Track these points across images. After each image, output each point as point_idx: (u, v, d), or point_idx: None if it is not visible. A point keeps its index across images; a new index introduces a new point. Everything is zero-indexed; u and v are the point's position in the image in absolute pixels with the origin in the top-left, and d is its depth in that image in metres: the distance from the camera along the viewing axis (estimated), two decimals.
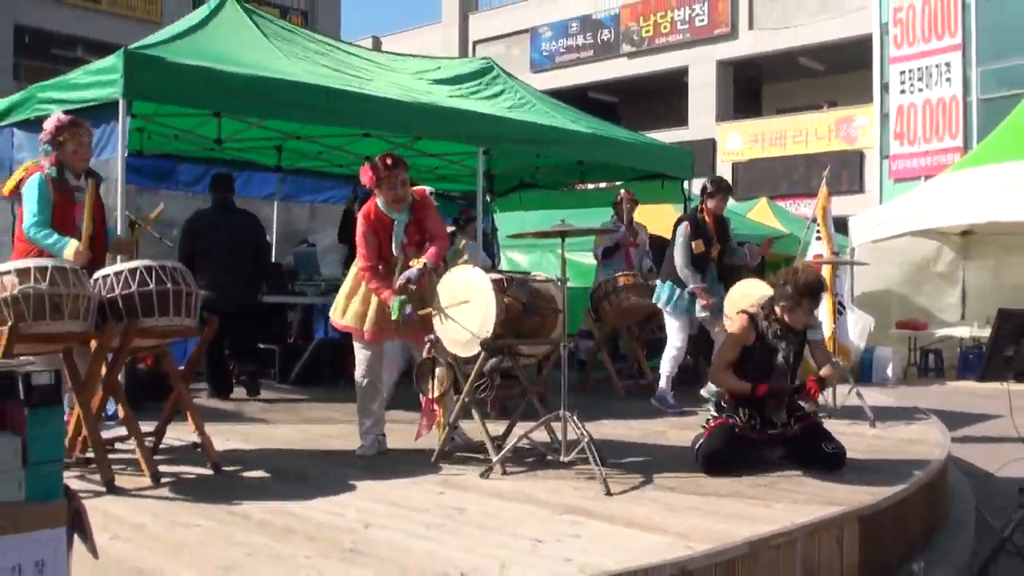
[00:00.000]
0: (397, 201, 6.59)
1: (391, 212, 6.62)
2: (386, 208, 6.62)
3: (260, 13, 10.57)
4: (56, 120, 6.46)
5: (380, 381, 6.87)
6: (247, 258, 9.67)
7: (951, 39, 27.72)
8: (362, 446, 6.69)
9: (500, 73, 11.83)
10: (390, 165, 6.54)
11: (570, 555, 4.23)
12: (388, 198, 6.58)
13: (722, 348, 6.57)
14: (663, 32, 36.23)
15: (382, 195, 6.59)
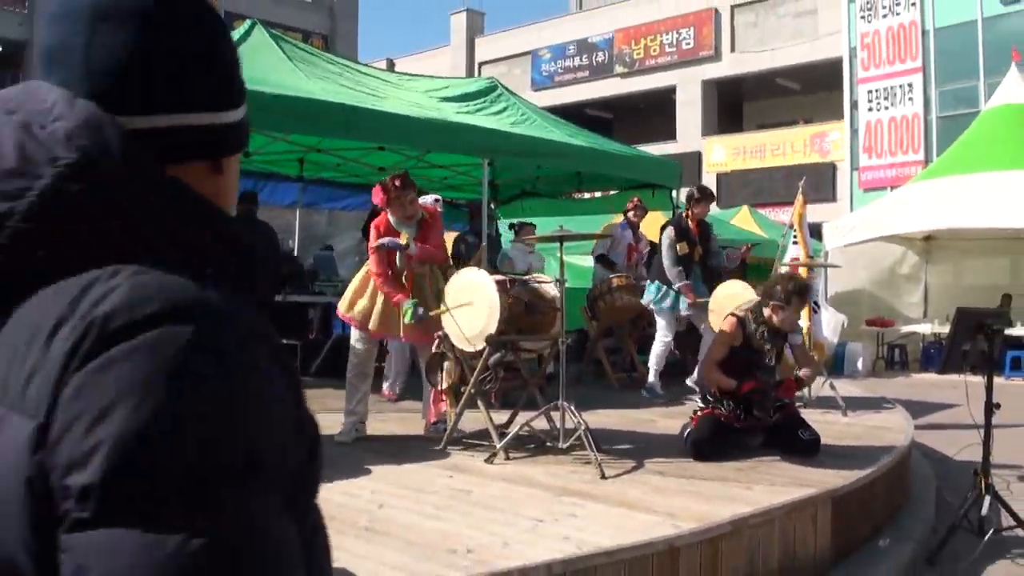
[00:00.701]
0: (407, 218, 6.60)
1: (400, 226, 6.62)
2: (396, 224, 6.62)
3: (285, 38, 10.58)
4: None
5: (369, 373, 6.89)
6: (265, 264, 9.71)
7: (912, 62, 27.76)
8: (341, 432, 6.68)
9: (503, 92, 11.82)
10: (399, 187, 6.55)
11: (568, 533, 4.22)
12: (398, 215, 6.59)
13: (712, 347, 6.58)
14: (653, 54, 36.24)
15: (393, 213, 6.60)
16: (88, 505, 0.72)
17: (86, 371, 0.75)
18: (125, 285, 0.79)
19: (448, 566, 3.74)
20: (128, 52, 0.94)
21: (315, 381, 10.20)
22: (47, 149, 0.86)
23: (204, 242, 0.91)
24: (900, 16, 28.02)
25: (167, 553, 0.71)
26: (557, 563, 3.80)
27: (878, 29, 28.56)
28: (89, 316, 0.77)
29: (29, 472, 0.74)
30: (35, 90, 0.93)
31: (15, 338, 0.81)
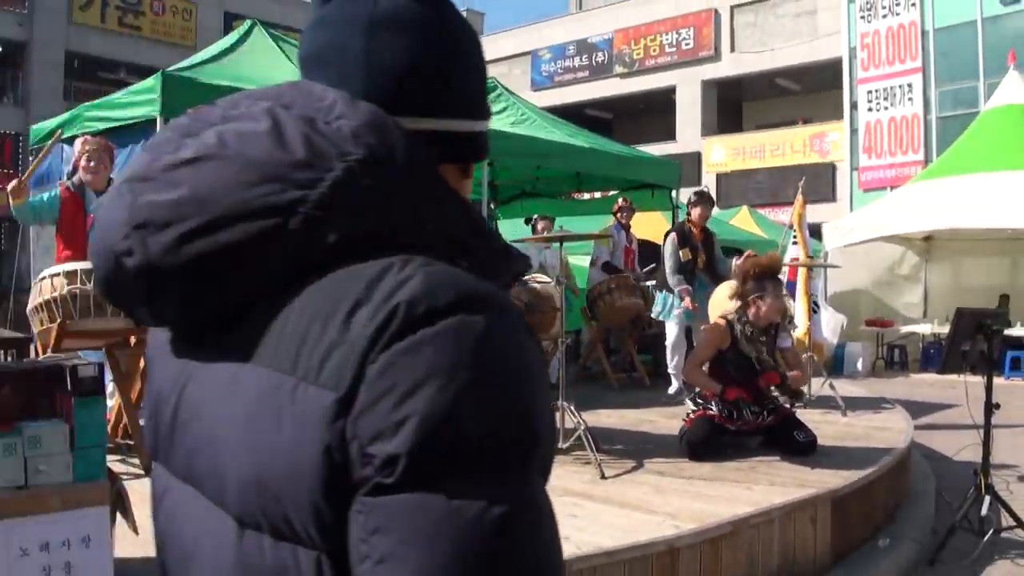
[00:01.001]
0: None
1: None
2: None
3: (284, 38, 10.58)
4: (78, 142, 6.54)
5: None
6: None
7: (912, 63, 27.72)
8: None
9: (503, 92, 11.82)
10: None
11: (568, 534, 4.23)
12: None
13: (698, 347, 6.59)
14: (652, 55, 36.23)
15: None
16: (393, 472, 0.81)
17: (393, 351, 0.83)
18: (420, 275, 0.88)
19: None
20: (404, 60, 1.04)
21: None
22: (335, 144, 0.94)
23: (464, 235, 1.00)
24: (900, 16, 28.00)
25: (468, 517, 0.80)
26: None
27: (878, 29, 28.54)
28: (391, 301, 0.86)
29: (328, 440, 0.83)
30: (308, 89, 1.01)
31: (307, 315, 0.90)
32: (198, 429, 0.98)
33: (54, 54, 32.80)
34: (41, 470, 2.99)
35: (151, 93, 7.51)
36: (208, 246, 0.92)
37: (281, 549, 0.88)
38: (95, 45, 33.82)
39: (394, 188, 0.95)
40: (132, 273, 0.96)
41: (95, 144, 6.57)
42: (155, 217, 0.94)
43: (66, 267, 5.44)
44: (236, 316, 0.95)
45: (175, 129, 1.02)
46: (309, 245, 0.92)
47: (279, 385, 0.88)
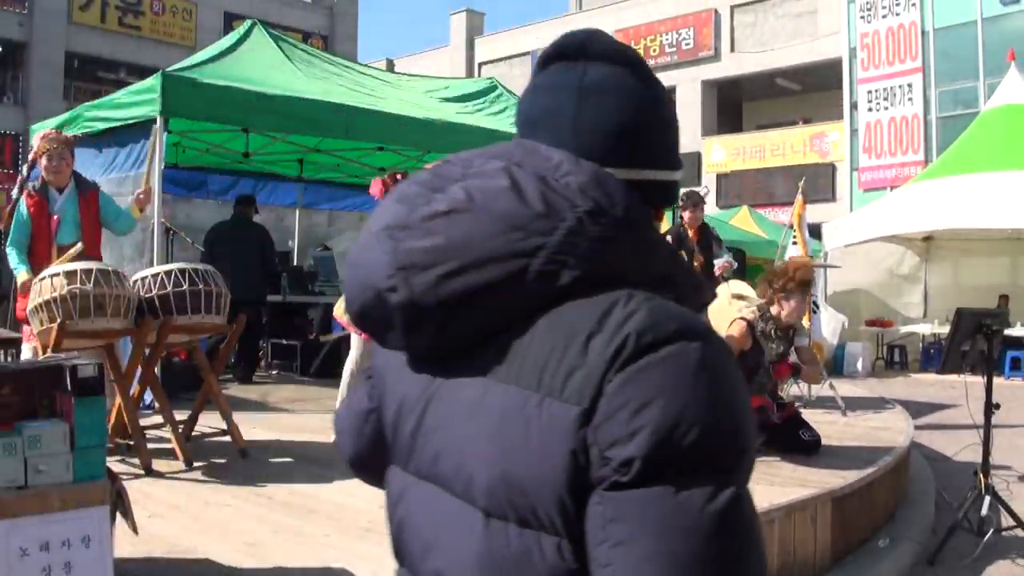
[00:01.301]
0: None
1: None
2: None
3: (284, 38, 10.59)
4: (36, 140, 6.45)
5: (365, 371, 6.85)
6: (250, 264, 9.71)
7: (912, 63, 27.74)
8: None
9: (503, 92, 11.83)
10: (399, 181, 6.56)
11: None
12: None
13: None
14: (652, 55, 36.23)
15: None
16: (629, 471, 0.99)
17: (626, 372, 1.02)
18: (644, 309, 1.07)
19: None
20: (612, 120, 1.23)
21: (314, 382, 10.22)
22: (566, 198, 1.13)
23: (669, 271, 1.19)
24: (900, 16, 28.02)
25: (691, 509, 0.98)
26: None
27: (878, 29, 28.56)
28: (622, 332, 1.05)
29: (573, 445, 1.02)
30: (534, 148, 1.21)
31: (548, 343, 1.09)
32: (444, 436, 1.18)
33: (54, 54, 32.79)
34: (41, 470, 2.99)
35: (151, 93, 7.52)
36: (463, 285, 1.12)
37: (526, 536, 1.07)
38: (95, 45, 33.81)
39: (615, 233, 1.13)
40: (395, 307, 1.16)
41: (56, 141, 6.46)
42: (417, 261, 1.14)
43: (66, 267, 5.44)
44: (478, 343, 1.15)
45: (421, 184, 1.21)
46: (547, 284, 1.11)
47: (526, 400, 1.07)
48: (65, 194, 6.40)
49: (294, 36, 18.65)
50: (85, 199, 6.47)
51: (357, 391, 1.50)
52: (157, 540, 4.10)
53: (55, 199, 6.38)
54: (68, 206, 6.40)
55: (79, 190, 6.47)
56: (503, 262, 1.11)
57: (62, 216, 6.34)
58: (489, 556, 1.09)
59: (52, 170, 6.35)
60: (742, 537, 1.01)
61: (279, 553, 3.97)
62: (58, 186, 6.40)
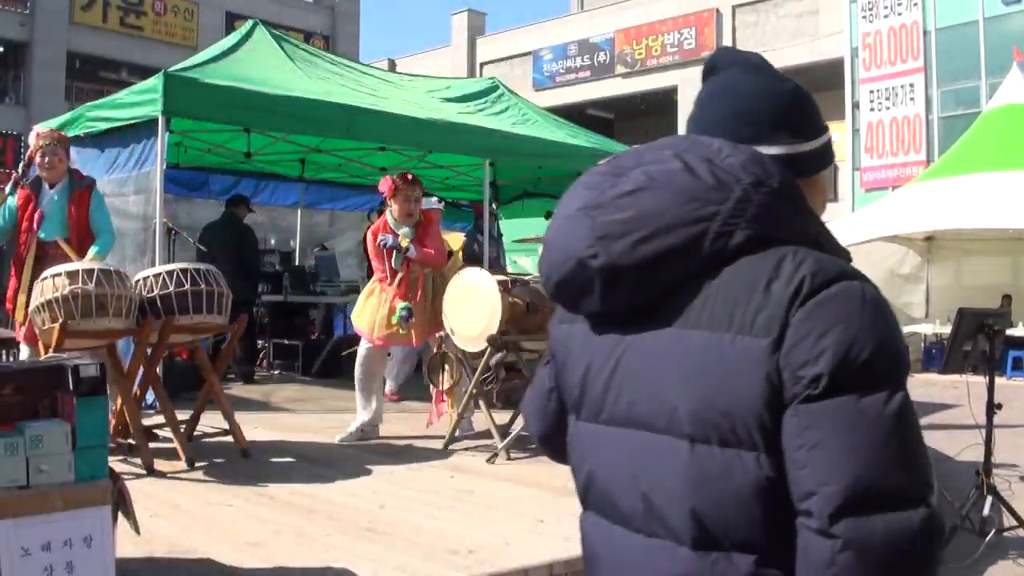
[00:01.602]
0: (407, 215, 6.61)
1: (398, 226, 6.63)
2: (394, 222, 6.64)
3: (286, 38, 10.59)
4: (32, 137, 6.50)
5: (378, 373, 6.90)
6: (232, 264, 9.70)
7: (914, 62, 27.72)
8: (348, 432, 6.71)
9: (505, 92, 11.83)
10: (409, 181, 6.61)
11: (569, 533, 4.21)
12: (401, 210, 6.61)
13: None
14: (654, 55, 36.22)
15: (396, 205, 6.62)
16: (818, 386, 1.25)
17: (807, 307, 1.29)
18: (811, 258, 1.35)
19: (450, 566, 3.76)
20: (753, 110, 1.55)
21: (316, 382, 10.23)
22: (731, 174, 1.40)
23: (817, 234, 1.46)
24: (902, 16, 28.00)
25: (872, 411, 1.25)
26: (559, 563, 3.82)
27: (879, 29, 28.53)
28: (798, 274, 1.32)
29: (767, 369, 1.28)
30: (695, 139, 1.49)
31: (732, 290, 1.35)
32: (638, 383, 1.43)
33: (55, 54, 32.84)
34: (43, 470, 2.99)
35: (153, 93, 7.52)
36: (654, 248, 1.38)
37: (727, 453, 1.31)
38: (96, 45, 33.87)
39: (774, 200, 1.40)
40: (596, 271, 1.42)
41: (49, 138, 6.50)
42: (613, 231, 1.40)
43: (67, 267, 5.45)
44: (660, 299, 1.41)
45: (602, 174, 1.49)
46: (723, 244, 1.36)
47: (719, 340, 1.33)
48: (56, 190, 6.42)
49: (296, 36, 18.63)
50: (75, 196, 6.45)
51: (540, 374, 1.78)
52: (159, 540, 4.10)
53: (45, 194, 6.40)
54: (57, 203, 6.40)
55: (71, 187, 6.46)
56: (687, 227, 1.37)
57: (47, 211, 6.34)
58: (697, 474, 1.33)
59: (45, 166, 6.38)
60: (913, 428, 1.28)
61: (280, 553, 3.98)
62: (52, 182, 6.42)
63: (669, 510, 1.37)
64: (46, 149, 6.38)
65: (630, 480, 1.43)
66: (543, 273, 1.53)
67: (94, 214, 6.53)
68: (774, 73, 1.61)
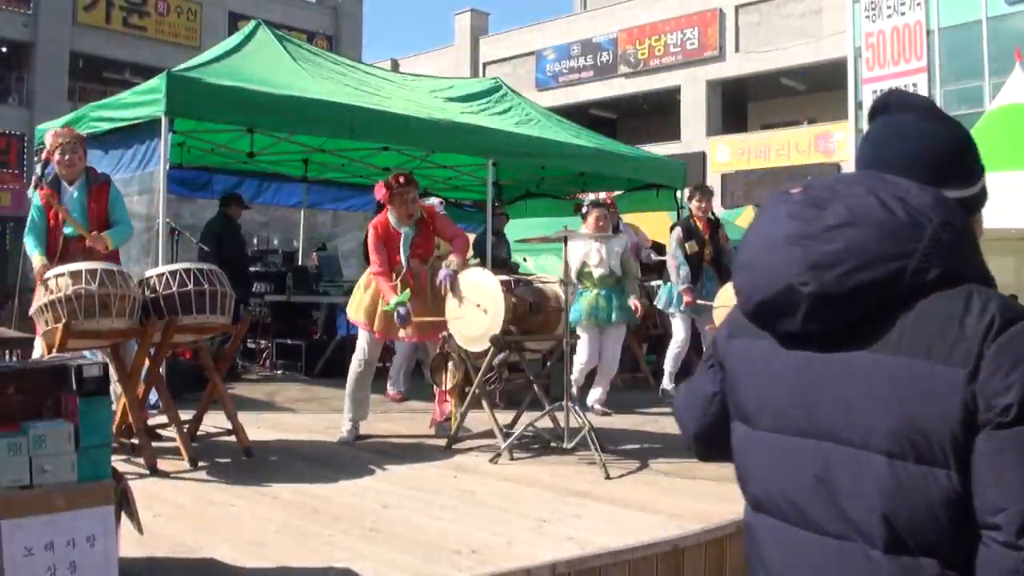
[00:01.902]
0: (407, 216, 6.62)
1: (400, 226, 6.64)
2: (396, 222, 6.65)
3: (289, 38, 10.60)
4: (48, 137, 6.56)
5: (373, 369, 6.89)
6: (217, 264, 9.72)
7: (917, 62, 27.70)
8: (344, 434, 6.71)
9: (508, 92, 11.83)
10: (402, 183, 6.61)
11: (572, 533, 4.24)
12: (400, 213, 6.62)
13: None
14: (657, 54, 36.22)
15: (394, 210, 6.63)
16: (1008, 415, 1.39)
17: (998, 343, 1.42)
18: (995, 297, 1.48)
19: (452, 566, 3.76)
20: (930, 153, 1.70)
21: (318, 382, 10.23)
22: (923, 214, 1.52)
23: (984, 270, 1.57)
24: (905, 16, 27.98)
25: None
26: (561, 563, 3.82)
27: (883, 29, 28.51)
28: (987, 313, 1.45)
29: (964, 397, 1.41)
30: (882, 177, 1.61)
31: (929, 322, 1.48)
32: (830, 401, 1.55)
33: (59, 54, 32.86)
34: (46, 470, 3.00)
35: (156, 93, 7.53)
36: (860, 280, 1.51)
37: (921, 469, 1.44)
38: (100, 45, 33.89)
39: (957, 240, 1.52)
40: (804, 296, 1.55)
41: (68, 136, 6.56)
42: (824, 261, 1.53)
43: (70, 267, 5.46)
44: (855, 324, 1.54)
45: (803, 204, 1.61)
46: (919, 279, 1.49)
47: (920, 366, 1.45)
48: (75, 187, 6.49)
49: (299, 36, 18.67)
50: (93, 192, 6.54)
51: (701, 379, 1.95)
52: (162, 540, 4.10)
53: (65, 191, 6.47)
54: (77, 199, 6.47)
55: (89, 183, 6.54)
56: (888, 262, 1.50)
57: (69, 208, 6.41)
58: (892, 486, 1.46)
59: (65, 164, 6.42)
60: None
61: (283, 553, 3.98)
62: (70, 179, 6.48)
63: (862, 516, 1.50)
64: (66, 147, 6.43)
65: (818, 488, 1.56)
66: (742, 292, 1.69)
67: (114, 208, 6.62)
68: (949, 120, 1.76)
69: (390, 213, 6.69)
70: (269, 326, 11.91)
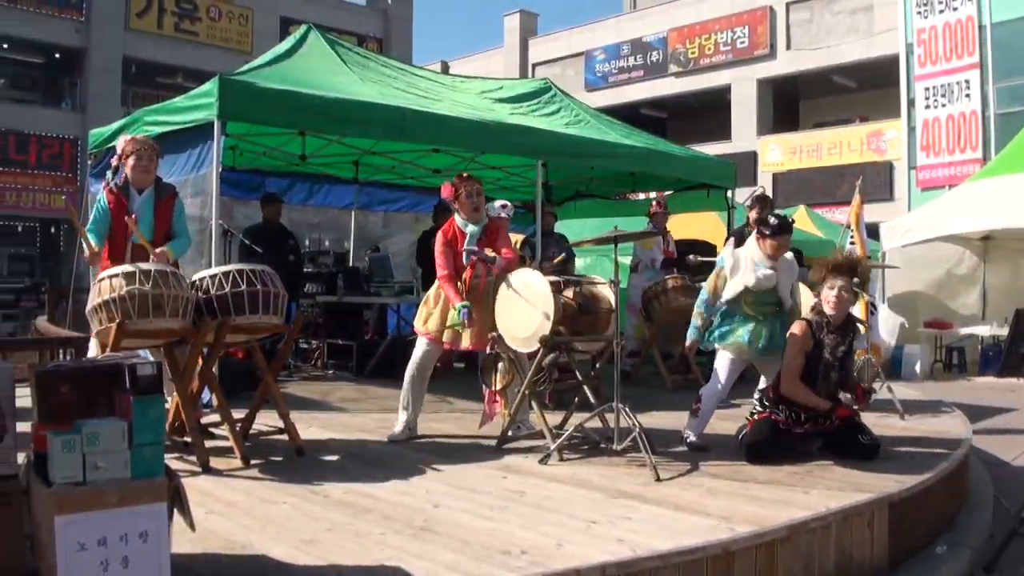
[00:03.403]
0: (473, 211, 6.63)
1: (466, 225, 6.65)
2: (462, 222, 6.66)
3: (339, 42, 10.65)
4: (122, 141, 6.65)
5: (428, 374, 6.89)
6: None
7: (969, 58, 27.27)
8: (396, 432, 6.73)
9: (557, 92, 11.82)
10: (466, 178, 6.65)
11: (622, 535, 4.21)
12: (466, 209, 6.63)
13: (788, 358, 6.14)
14: (707, 53, 36.01)
15: (460, 206, 6.65)
16: None
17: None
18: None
19: (502, 567, 3.75)
20: None
21: (369, 382, 10.27)
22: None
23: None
24: (957, 11, 27.57)
25: None
26: (611, 565, 3.80)
27: (934, 25, 28.12)
28: None
29: None
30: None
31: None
32: None
33: (111, 60, 33.34)
34: (99, 467, 3.03)
35: (209, 97, 7.60)
36: None
37: None
38: (152, 51, 34.35)
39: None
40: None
41: (145, 144, 6.69)
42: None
43: (125, 268, 5.52)
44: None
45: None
46: None
47: None
48: (144, 195, 6.62)
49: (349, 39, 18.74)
50: (162, 202, 6.69)
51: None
52: (214, 536, 4.13)
53: (134, 198, 6.59)
54: (145, 207, 6.60)
55: (157, 194, 6.69)
56: None
57: (139, 216, 6.52)
58: None
59: (140, 170, 6.57)
60: None
61: (334, 551, 3.99)
62: (140, 187, 6.61)
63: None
64: (143, 154, 6.58)
65: None
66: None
67: (176, 220, 6.79)
68: None
69: (456, 214, 6.71)
70: (321, 326, 11.99)
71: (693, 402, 6.49)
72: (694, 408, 6.49)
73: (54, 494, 2.98)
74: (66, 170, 31.95)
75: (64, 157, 32.17)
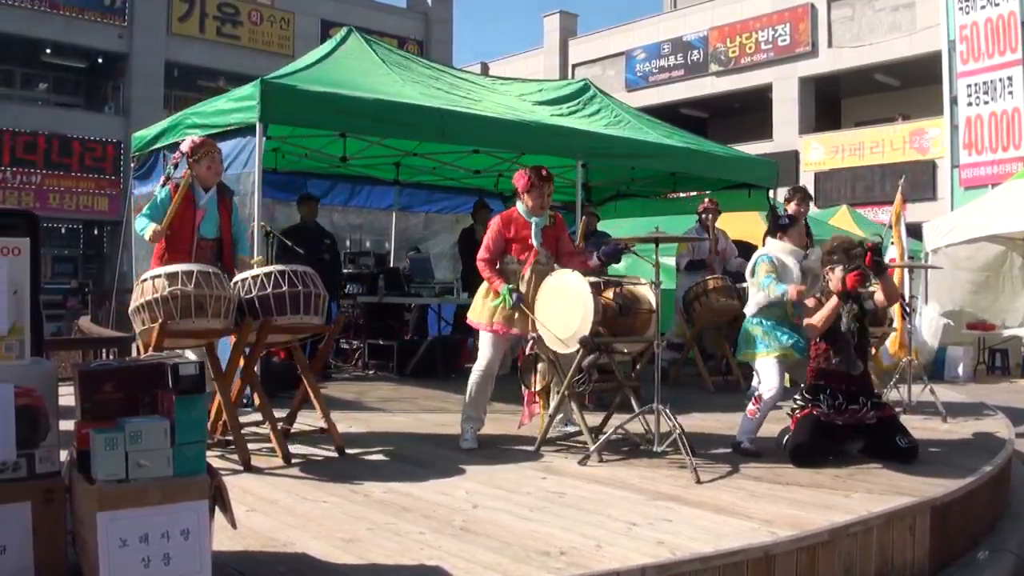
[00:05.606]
0: (540, 208, 6.63)
1: (531, 216, 6.64)
2: (527, 213, 6.65)
3: (380, 43, 10.69)
4: (191, 141, 6.80)
5: (493, 377, 6.71)
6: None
7: (1012, 54, 26.87)
8: (464, 439, 6.57)
9: (597, 93, 11.78)
10: (544, 177, 6.65)
11: (662, 537, 4.19)
12: (534, 204, 6.62)
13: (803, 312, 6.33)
14: (748, 52, 35.79)
15: (530, 200, 6.63)
16: None
17: None
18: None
19: (542, 567, 3.74)
20: None
21: (410, 382, 10.30)
22: None
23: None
24: (999, 7, 27.18)
25: None
26: (652, 567, 3.78)
27: (976, 21, 27.75)
28: None
29: None
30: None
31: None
32: None
33: (154, 64, 33.66)
34: (142, 464, 3.06)
35: (250, 100, 7.65)
36: None
37: None
38: (194, 55, 34.64)
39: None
40: None
41: (213, 147, 6.96)
42: None
43: (167, 269, 5.58)
44: None
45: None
46: None
47: None
48: (210, 194, 6.93)
49: (390, 42, 18.82)
50: (223, 202, 7.04)
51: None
52: (254, 534, 4.16)
53: (201, 195, 6.89)
54: (211, 205, 6.94)
55: (220, 194, 7.02)
56: None
57: (207, 211, 6.88)
58: None
59: (213, 171, 6.92)
60: None
61: (374, 550, 4.00)
62: (208, 186, 6.92)
63: None
64: (214, 156, 6.93)
65: None
66: None
67: (236, 221, 7.16)
68: None
69: (520, 204, 6.70)
70: (361, 327, 12.04)
71: (751, 403, 6.40)
72: (749, 412, 6.42)
73: (96, 490, 3.02)
74: (109, 173, 32.29)
75: (107, 160, 32.52)
